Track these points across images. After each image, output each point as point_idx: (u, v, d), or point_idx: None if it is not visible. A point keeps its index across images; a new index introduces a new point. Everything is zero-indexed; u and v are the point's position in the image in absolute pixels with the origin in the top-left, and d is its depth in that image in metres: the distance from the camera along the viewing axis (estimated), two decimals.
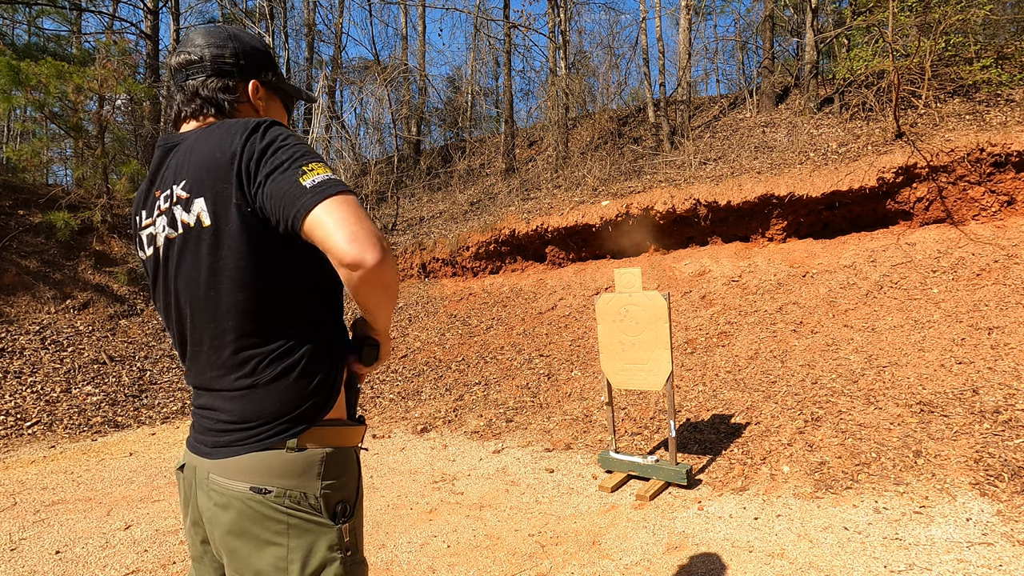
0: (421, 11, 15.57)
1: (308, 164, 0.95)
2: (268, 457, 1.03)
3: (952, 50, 7.56)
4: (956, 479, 2.99)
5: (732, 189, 6.95)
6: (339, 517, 1.05)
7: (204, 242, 1.02)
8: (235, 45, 1.15)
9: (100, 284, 8.37)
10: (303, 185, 0.93)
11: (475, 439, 4.72)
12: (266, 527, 1.01)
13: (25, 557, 3.00)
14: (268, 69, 1.20)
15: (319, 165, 0.96)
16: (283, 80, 1.24)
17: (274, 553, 1.01)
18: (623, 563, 2.63)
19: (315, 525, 1.02)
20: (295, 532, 1.02)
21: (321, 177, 0.94)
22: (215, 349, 1.06)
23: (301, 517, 1.02)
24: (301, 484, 1.03)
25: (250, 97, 1.16)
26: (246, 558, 1.03)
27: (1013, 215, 5.66)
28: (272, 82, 1.20)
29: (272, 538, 1.02)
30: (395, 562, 2.80)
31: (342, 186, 0.95)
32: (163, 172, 1.11)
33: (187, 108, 1.14)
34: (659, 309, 3.43)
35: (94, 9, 14.22)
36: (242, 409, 1.05)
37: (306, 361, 1.06)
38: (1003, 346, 4.09)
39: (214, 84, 1.13)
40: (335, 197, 0.92)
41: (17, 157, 9.55)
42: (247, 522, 1.02)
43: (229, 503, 1.03)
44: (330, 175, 0.95)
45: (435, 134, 17.75)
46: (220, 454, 1.05)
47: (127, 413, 5.99)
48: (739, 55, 15.75)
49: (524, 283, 8.26)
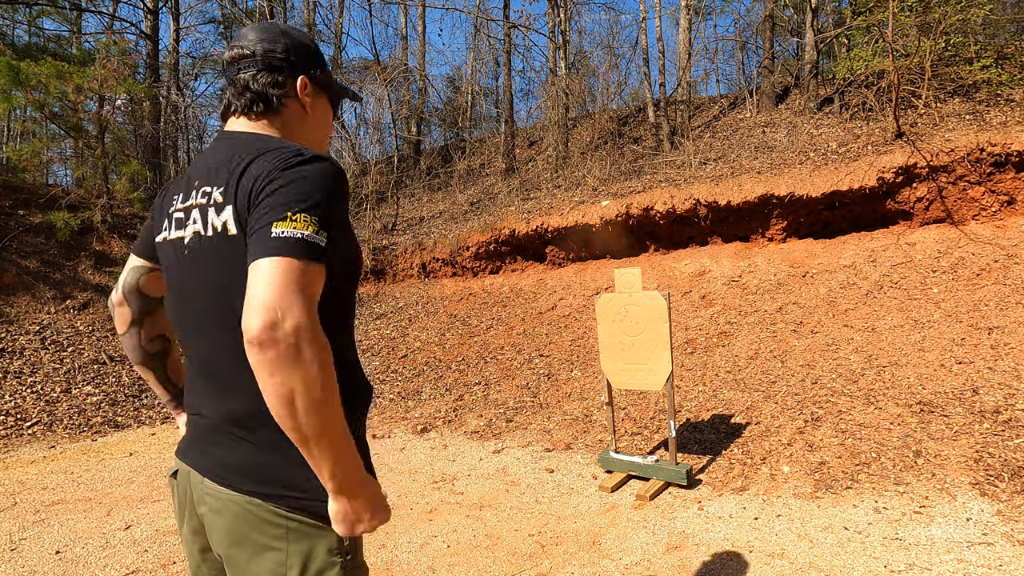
0: (421, 11, 15.58)
1: (296, 213, 0.89)
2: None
3: (952, 50, 7.56)
4: (956, 479, 2.99)
5: (732, 189, 6.95)
6: None
7: (227, 249, 0.99)
8: (286, 41, 1.15)
9: (100, 284, 8.37)
10: (271, 231, 0.87)
11: (475, 439, 4.72)
12: (264, 532, 0.99)
13: (25, 557, 3.00)
14: (317, 66, 1.20)
15: (307, 219, 0.89)
16: (331, 78, 1.24)
17: (273, 559, 0.99)
18: (623, 563, 2.63)
19: (314, 529, 1.00)
20: (294, 536, 0.99)
21: (291, 232, 0.87)
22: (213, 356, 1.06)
23: (300, 520, 1.00)
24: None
25: (298, 93, 1.15)
26: (244, 565, 1.01)
27: (1013, 215, 5.66)
28: (320, 79, 1.19)
29: (270, 543, 0.99)
30: (395, 562, 2.80)
31: (304, 250, 0.86)
32: (211, 164, 1.08)
33: (237, 102, 1.13)
34: (659, 309, 3.43)
35: (94, 9, 14.23)
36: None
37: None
38: (1003, 346, 4.09)
39: (264, 79, 1.13)
40: (282, 257, 0.85)
41: (17, 157, 9.55)
42: (244, 527, 1.00)
43: (225, 507, 1.01)
44: (305, 234, 0.87)
45: (435, 134, 17.76)
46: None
47: (127, 413, 5.99)
48: (739, 55, 15.76)
49: (524, 283, 8.26)
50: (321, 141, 1.23)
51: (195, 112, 14.77)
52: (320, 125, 1.21)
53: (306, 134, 1.18)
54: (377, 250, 9.78)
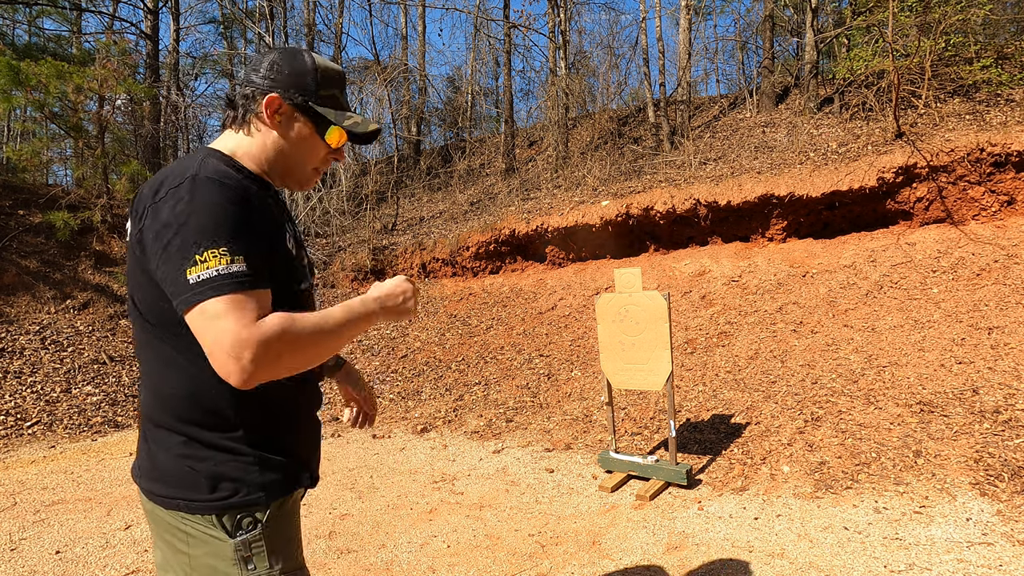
0: (421, 11, 15.57)
1: (203, 252, 0.91)
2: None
3: (952, 50, 7.56)
4: (956, 479, 2.99)
5: (732, 189, 6.95)
6: (235, 531, 1.02)
7: (132, 256, 1.04)
8: (273, 58, 1.12)
9: (100, 284, 8.38)
10: (187, 279, 0.91)
11: (475, 439, 4.72)
12: (175, 535, 1.04)
13: (25, 557, 3.00)
14: (300, 91, 1.11)
15: (214, 254, 0.91)
16: (322, 111, 1.14)
17: (180, 560, 1.04)
18: (623, 563, 2.63)
19: (209, 537, 1.02)
20: (194, 542, 1.03)
21: (207, 273, 0.90)
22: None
23: (195, 526, 1.02)
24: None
25: (264, 110, 1.10)
26: (167, 561, 1.07)
27: (1013, 215, 5.66)
28: (300, 104, 1.11)
29: (180, 546, 1.04)
30: (395, 562, 2.80)
31: (224, 285, 0.90)
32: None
33: (224, 113, 1.16)
34: (659, 309, 3.43)
35: (94, 9, 14.22)
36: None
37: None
38: (1003, 346, 4.09)
39: (242, 90, 1.13)
40: (209, 301, 0.90)
41: (17, 157, 9.55)
42: (162, 527, 1.05)
43: (152, 510, 1.07)
44: (219, 269, 0.91)
45: (435, 134, 17.76)
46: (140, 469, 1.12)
47: (127, 413, 5.99)
48: (739, 55, 15.76)
49: (524, 283, 8.26)
50: (291, 168, 1.16)
51: (195, 112, 14.75)
52: (293, 151, 1.14)
53: (276, 156, 1.13)
54: (377, 250, 9.78)
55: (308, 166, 1.18)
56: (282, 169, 1.16)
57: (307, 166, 1.18)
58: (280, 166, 1.15)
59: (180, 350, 1.02)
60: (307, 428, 1.18)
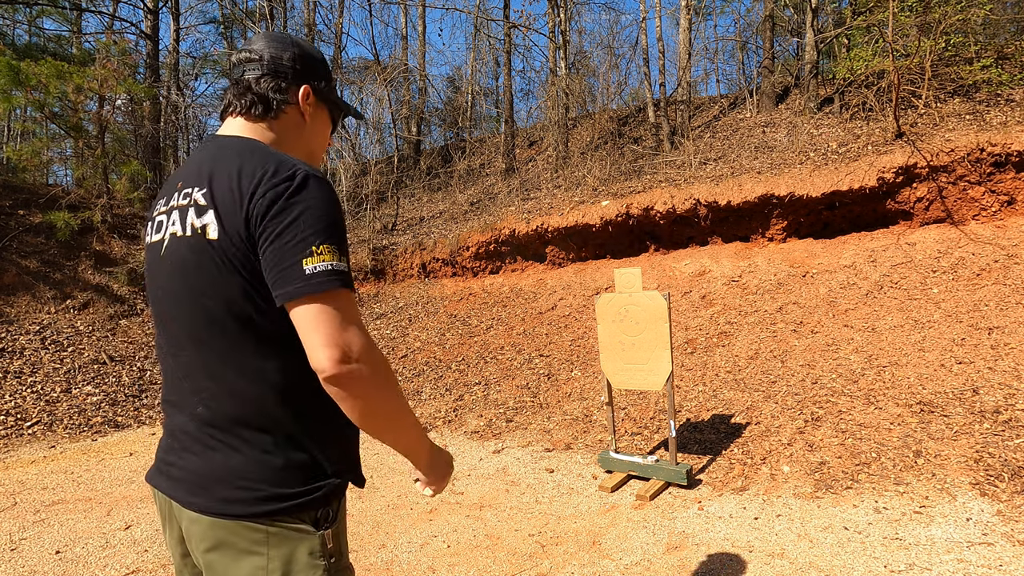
0: (421, 11, 15.57)
1: (319, 245, 0.92)
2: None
3: (952, 50, 7.56)
4: (956, 479, 2.99)
5: (732, 189, 6.95)
6: (321, 523, 1.02)
7: (205, 253, 0.99)
8: (295, 50, 1.15)
9: (100, 284, 8.37)
10: (303, 269, 0.91)
11: (475, 439, 4.72)
12: (243, 536, 0.98)
13: (25, 557, 3.00)
14: (322, 79, 1.19)
15: (329, 249, 0.93)
16: (334, 92, 1.22)
17: (253, 563, 0.98)
18: (623, 563, 2.63)
19: (295, 533, 0.99)
20: (275, 541, 0.98)
21: (323, 266, 0.91)
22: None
23: (281, 526, 0.99)
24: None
25: (299, 101, 1.15)
26: (223, 571, 1.00)
27: (1013, 215, 5.66)
28: (323, 92, 1.19)
29: (251, 547, 0.98)
30: (395, 562, 2.80)
31: (340, 281, 0.92)
32: (195, 167, 1.08)
33: (238, 101, 1.13)
34: (659, 309, 3.43)
35: (94, 9, 14.22)
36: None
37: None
38: (1003, 346, 4.09)
39: (268, 82, 1.13)
40: (326, 294, 0.91)
41: (17, 157, 9.55)
42: (222, 532, 0.99)
43: (200, 517, 1.00)
44: (333, 264, 0.93)
45: (435, 134, 17.75)
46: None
47: (127, 413, 5.99)
48: (739, 55, 15.76)
49: (524, 283, 8.26)
50: (314, 152, 1.22)
51: (195, 112, 14.76)
52: (316, 136, 1.20)
53: (302, 144, 1.17)
54: (377, 250, 9.78)
55: (322, 152, 1.23)
56: (316, 153, 1.21)
57: (322, 153, 1.23)
58: (315, 150, 1.20)
59: (271, 346, 1.00)
60: (355, 428, 1.17)
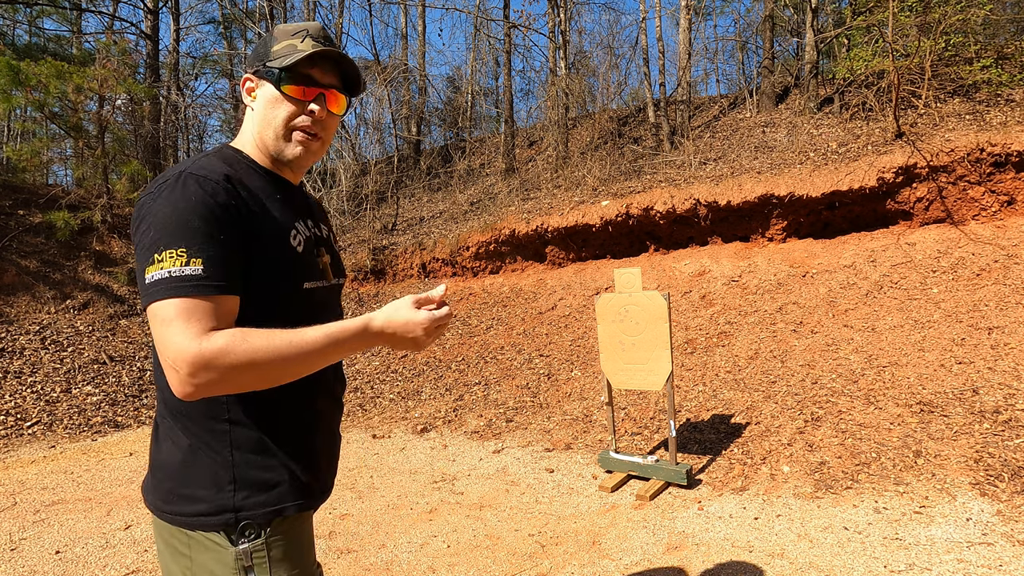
0: (421, 11, 15.57)
1: (161, 252, 0.89)
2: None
3: (952, 50, 7.56)
4: (956, 479, 2.99)
5: (732, 189, 6.95)
6: (238, 540, 1.00)
7: None
8: (253, 46, 1.18)
9: (100, 284, 8.37)
10: (145, 279, 0.89)
11: (475, 439, 4.72)
12: (176, 536, 1.02)
13: (25, 557, 3.00)
14: (260, 57, 1.09)
15: (171, 255, 0.88)
16: (271, 63, 1.07)
17: (181, 564, 1.02)
18: (623, 563, 2.63)
19: (211, 543, 0.99)
20: (196, 547, 1.00)
21: (160, 274, 0.87)
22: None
23: (200, 532, 1.00)
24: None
25: (244, 92, 1.13)
26: (164, 565, 1.06)
27: (1013, 215, 5.66)
28: (262, 71, 1.08)
29: (180, 548, 1.02)
30: (395, 562, 2.80)
31: (168, 290, 0.87)
32: None
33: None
34: (659, 309, 3.43)
35: (94, 9, 14.22)
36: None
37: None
38: (1003, 346, 4.09)
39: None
40: (158, 303, 0.87)
41: (17, 157, 9.55)
42: (161, 530, 1.05)
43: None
44: (167, 272, 0.87)
45: (435, 134, 17.74)
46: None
47: (127, 413, 5.99)
48: (739, 55, 15.76)
49: (524, 283, 8.26)
50: (270, 131, 1.08)
51: (195, 112, 14.77)
52: (268, 111, 1.08)
53: (261, 128, 1.10)
54: (377, 250, 9.78)
55: (282, 126, 1.08)
56: (268, 139, 1.09)
57: (280, 126, 1.08)
58: (265, 137, 1.09)
59: None
60: (322, 440, 1.13)
